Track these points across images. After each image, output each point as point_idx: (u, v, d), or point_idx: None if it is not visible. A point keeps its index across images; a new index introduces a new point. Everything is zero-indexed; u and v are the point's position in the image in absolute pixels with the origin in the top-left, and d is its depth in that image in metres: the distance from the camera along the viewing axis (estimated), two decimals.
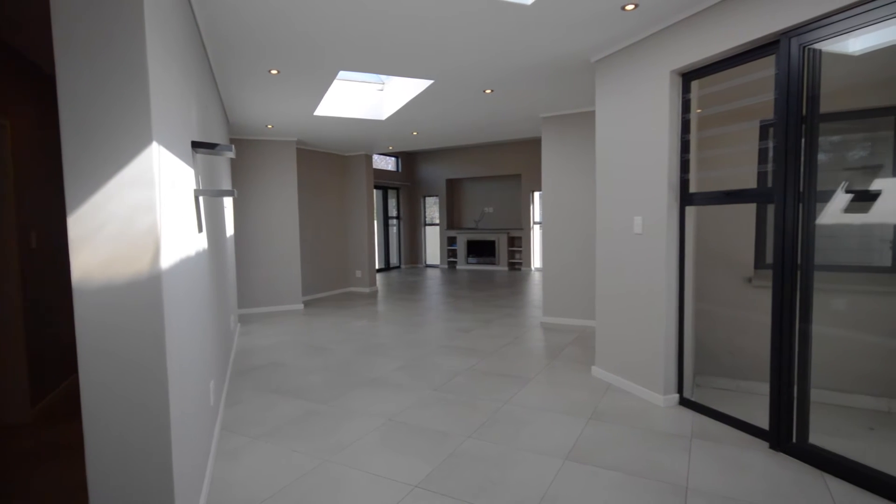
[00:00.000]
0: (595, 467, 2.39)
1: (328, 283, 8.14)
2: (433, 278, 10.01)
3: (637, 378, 3.33)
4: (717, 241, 3.47)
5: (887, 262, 3.02)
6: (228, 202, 5.10)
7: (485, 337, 5.02)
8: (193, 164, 2.27)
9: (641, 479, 2.27)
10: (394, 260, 11.99)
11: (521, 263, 10.94)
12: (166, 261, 1.52)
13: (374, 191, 10.99)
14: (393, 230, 12.01)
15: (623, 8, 2.76)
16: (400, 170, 11.96)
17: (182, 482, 1.62)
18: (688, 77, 3.01)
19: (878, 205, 2.98)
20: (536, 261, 10.78)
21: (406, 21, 2.91)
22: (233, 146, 2.32)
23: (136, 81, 1.41)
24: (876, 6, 2.00)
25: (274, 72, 3.78)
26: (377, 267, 11.21)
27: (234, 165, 6.35)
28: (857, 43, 2.45)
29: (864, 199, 3.00)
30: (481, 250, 11.36)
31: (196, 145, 2.24)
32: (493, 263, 11.20)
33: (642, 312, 3.27)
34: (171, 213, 1.66)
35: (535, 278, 9.55)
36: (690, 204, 3.06)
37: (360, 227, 8.38)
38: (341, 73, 5.05)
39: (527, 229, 10.74)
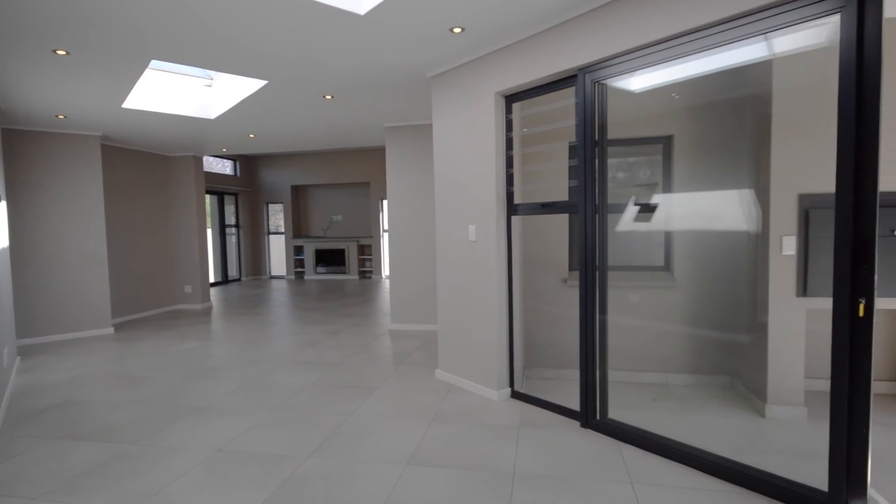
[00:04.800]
0: (434, 468, 2.47)
1: (149, 301, 7.09)
2: (279, 290, 9.41)
3: (475, 377, 3.55)
4: (540, 246, 3.90)
5: (661, 262, 3.72)
6: (1, 208, 4.11)
7: (331, 348, 4.87)
8: None
9: (476, 472, 2.42)
10: (233, 272, 10.96)
11: (371, 272, 10.91)
12: None
13: (208, 196, 9.93)
14: (232, 239, 10.98)
15: (451, 30, 2.94)
16: (238, 174, 11.01)
17: None
18: (510, 99, 3.32)
19: (656, 215, 3.69)
20: (386, 269, 10.86)
21: (232, 18, 2.69)
22: None
23: None
24: (643, 55, 2.46)
25: (61, 52, 3.16)
26: (212, 280, 10.13)
27: (12, 162, 5.14)
28: (637, 83, 2.98)
29: (647, 210, 3.68)
30: (331, 259, 11.04)
31: None
32: (343, 272, 10.96)
33: (477, 314, 3.50)
34: None
35: (386, 286, 9.60)
36: (515, 214, 3.37)
37: (190, 236, 7.48)
38: (159, 64, 4.47)
39: (377, 237, 10.76)
